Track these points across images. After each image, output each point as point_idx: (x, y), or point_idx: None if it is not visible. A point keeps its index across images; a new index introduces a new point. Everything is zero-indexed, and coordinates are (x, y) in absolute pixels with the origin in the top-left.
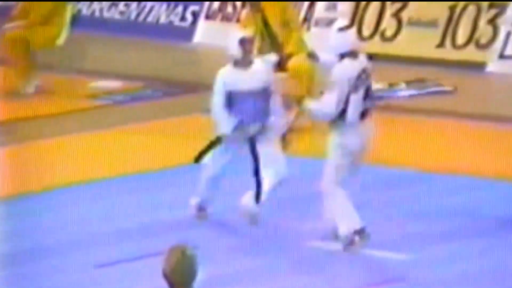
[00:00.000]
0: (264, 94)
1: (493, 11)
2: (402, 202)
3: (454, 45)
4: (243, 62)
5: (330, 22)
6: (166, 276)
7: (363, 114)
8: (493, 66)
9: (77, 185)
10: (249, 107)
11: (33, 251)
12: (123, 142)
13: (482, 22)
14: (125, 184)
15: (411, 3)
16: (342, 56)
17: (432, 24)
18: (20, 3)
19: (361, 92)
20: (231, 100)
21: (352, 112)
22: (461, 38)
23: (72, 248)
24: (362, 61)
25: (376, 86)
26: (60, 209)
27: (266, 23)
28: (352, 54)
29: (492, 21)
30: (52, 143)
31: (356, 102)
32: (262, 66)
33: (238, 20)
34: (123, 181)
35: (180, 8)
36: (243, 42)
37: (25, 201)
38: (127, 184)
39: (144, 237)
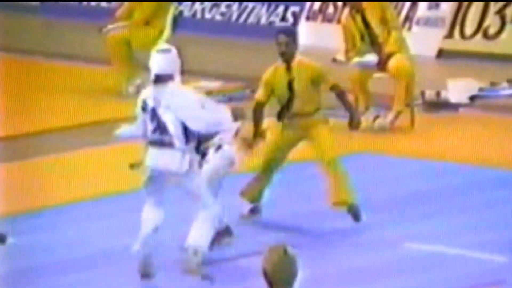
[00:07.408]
0: None
1: None
2: (501, 204)
3: None
4: None
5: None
6: (266, 275)
7: None
8: None
9: None
10: None
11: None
12: None
13: None
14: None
15: None
16: None
17: None
18: (124, 4)
19: None
20: None
21: None
22: None
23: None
24: None
25: (478, 85)
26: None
27: (366, 23)
28: None
29: None
30: None
31: None
32: None
33: (339, 21)
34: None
35: (281, 9)
36: None
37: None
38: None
39: None
